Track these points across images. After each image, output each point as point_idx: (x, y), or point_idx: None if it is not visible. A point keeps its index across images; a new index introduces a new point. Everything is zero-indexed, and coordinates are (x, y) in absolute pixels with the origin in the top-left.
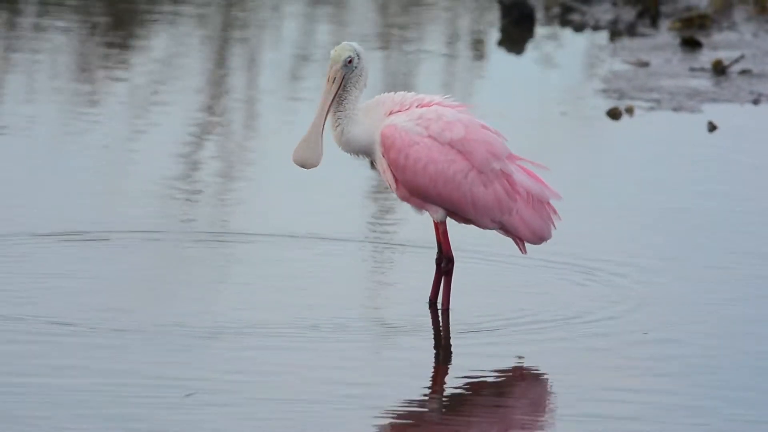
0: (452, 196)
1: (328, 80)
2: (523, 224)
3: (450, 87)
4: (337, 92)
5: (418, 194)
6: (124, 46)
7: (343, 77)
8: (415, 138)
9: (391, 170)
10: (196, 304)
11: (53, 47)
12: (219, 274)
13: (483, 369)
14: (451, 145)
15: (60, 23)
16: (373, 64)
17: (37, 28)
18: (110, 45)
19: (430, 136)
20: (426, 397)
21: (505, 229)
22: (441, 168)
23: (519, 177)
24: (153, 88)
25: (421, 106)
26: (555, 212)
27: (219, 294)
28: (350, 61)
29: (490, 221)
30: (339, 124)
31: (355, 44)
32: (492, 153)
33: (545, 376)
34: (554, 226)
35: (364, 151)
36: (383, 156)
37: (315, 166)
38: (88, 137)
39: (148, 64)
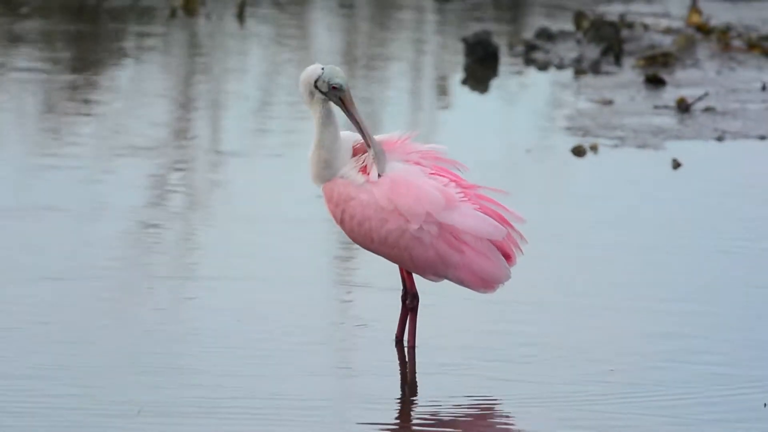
0: (389, 253)
1: (354, 105)
2: (472, 276)
3: (414, 125)
4: (349, 114)
5: (360, 245)
6: (89, 83)
7: (335, 100)
8: (351, 192)
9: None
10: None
11: (17, 84)
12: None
13: (448, 407)
14: (380, 198)
15: (24, 61)
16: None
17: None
18: (74, 82)
19: (368, 188)
20: None
21: (453, 282)
22: (375, 226)
23: (464, 221)
24: (118, 123)
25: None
26: (516, 243)
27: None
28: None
29: (434, 275)
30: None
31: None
32: (422, 205)
33: (512, 417)
34: (514, 260)
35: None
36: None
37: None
38: (54, 173)
39: (113, 100)
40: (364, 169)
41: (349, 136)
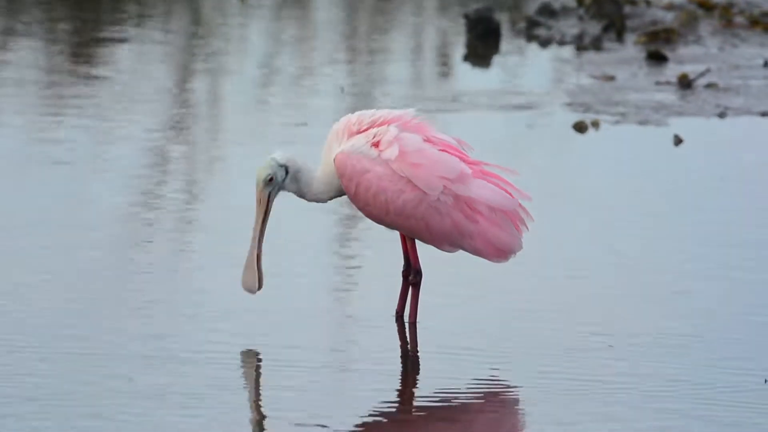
0: (405, 224)
1: (258, 202)
2: (487, 245)
3: (416, 102)
4: (266, 213)
5: (373, 220)
6: (89, 57)
7: (269, 196)
8: (366, 165)
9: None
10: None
11: (17, 59)
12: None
13: (452, 383)
14: (398, 170)
15: (26, 33)
16: (338, 79)
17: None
18: (75, 55)
19: (382, 161)
20: (393, 410)
21: (468, 252)
22: (391, 197)
23: (478, 192)
24: (117, 101)
25: (379, 125)
26: (522, 219)
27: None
28: (271, 180)
29: (449, 246)
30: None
31: (277, 157)
32: (439, 176)
33: (512, 394)
34: (522, 234)
35: (336, 193)
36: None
37: (255, 292)
38: (51, 150)
39: (112, 78)
40: (377, 144)
41: (341, 125)
